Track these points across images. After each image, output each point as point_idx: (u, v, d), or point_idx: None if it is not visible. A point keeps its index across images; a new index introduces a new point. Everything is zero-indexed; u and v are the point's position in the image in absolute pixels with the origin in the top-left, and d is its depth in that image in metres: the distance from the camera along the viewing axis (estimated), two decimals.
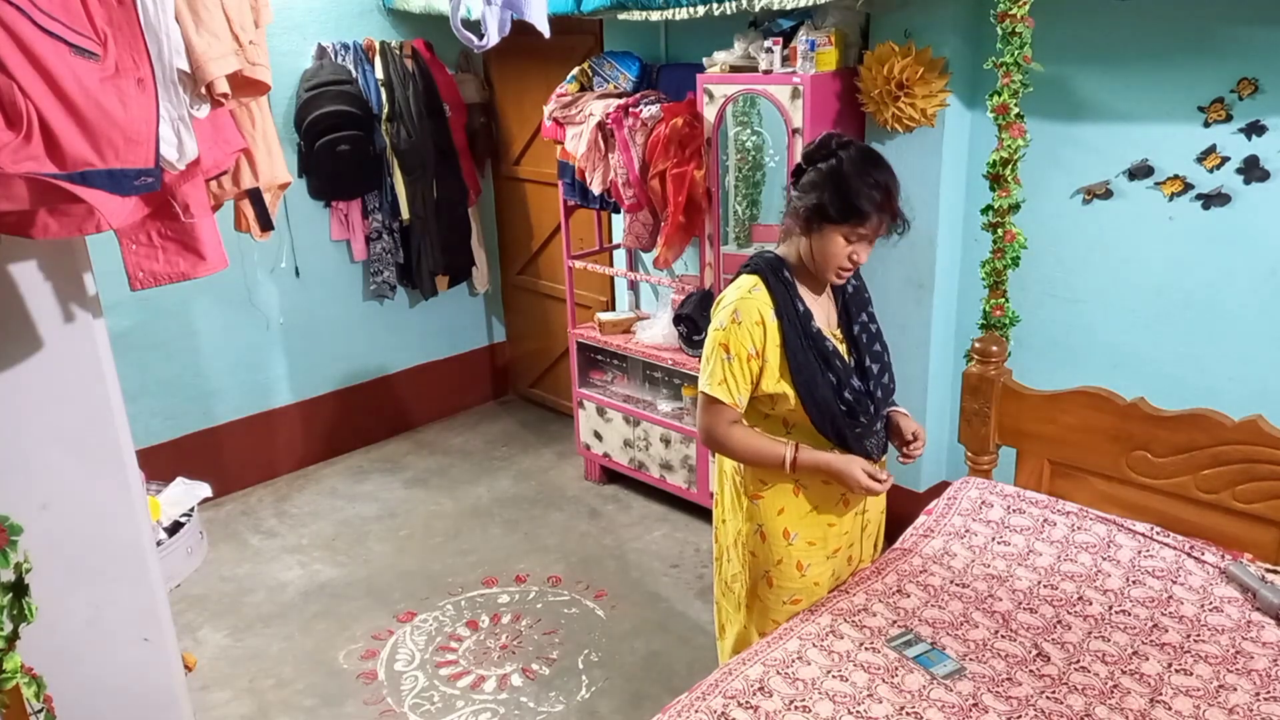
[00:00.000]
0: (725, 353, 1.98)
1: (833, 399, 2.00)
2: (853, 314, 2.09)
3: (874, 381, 2.06)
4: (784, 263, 2.04)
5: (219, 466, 4.09)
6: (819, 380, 1.99)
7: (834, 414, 2.00)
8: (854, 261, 1.96)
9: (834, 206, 1.90)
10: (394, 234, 4.45)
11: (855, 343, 2.07)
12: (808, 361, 1.98)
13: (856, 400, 2.01)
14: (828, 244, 1.94)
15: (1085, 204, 2.90)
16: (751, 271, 2.06)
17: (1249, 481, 2.17)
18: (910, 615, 2.01)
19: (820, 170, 1.93)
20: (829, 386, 2.00)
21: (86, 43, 1.44)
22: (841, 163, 1.91)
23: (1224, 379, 2.72)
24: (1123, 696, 1.75)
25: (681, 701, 1.79)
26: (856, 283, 2.13)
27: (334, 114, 3.98)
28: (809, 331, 2.00)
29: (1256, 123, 2.52)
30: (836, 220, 1.91)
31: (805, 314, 2.00)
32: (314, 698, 2.93)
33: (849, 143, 1.96)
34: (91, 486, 1.99)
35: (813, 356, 1.99)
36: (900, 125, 3.01)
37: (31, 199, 1.42)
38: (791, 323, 1.98)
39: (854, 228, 1.91)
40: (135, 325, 3.78)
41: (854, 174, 1.90)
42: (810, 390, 1.99)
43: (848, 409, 2.01)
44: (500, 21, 2.90)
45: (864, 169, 1.91)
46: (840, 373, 2.01)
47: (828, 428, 2.02)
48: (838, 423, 2.01)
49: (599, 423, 4.10)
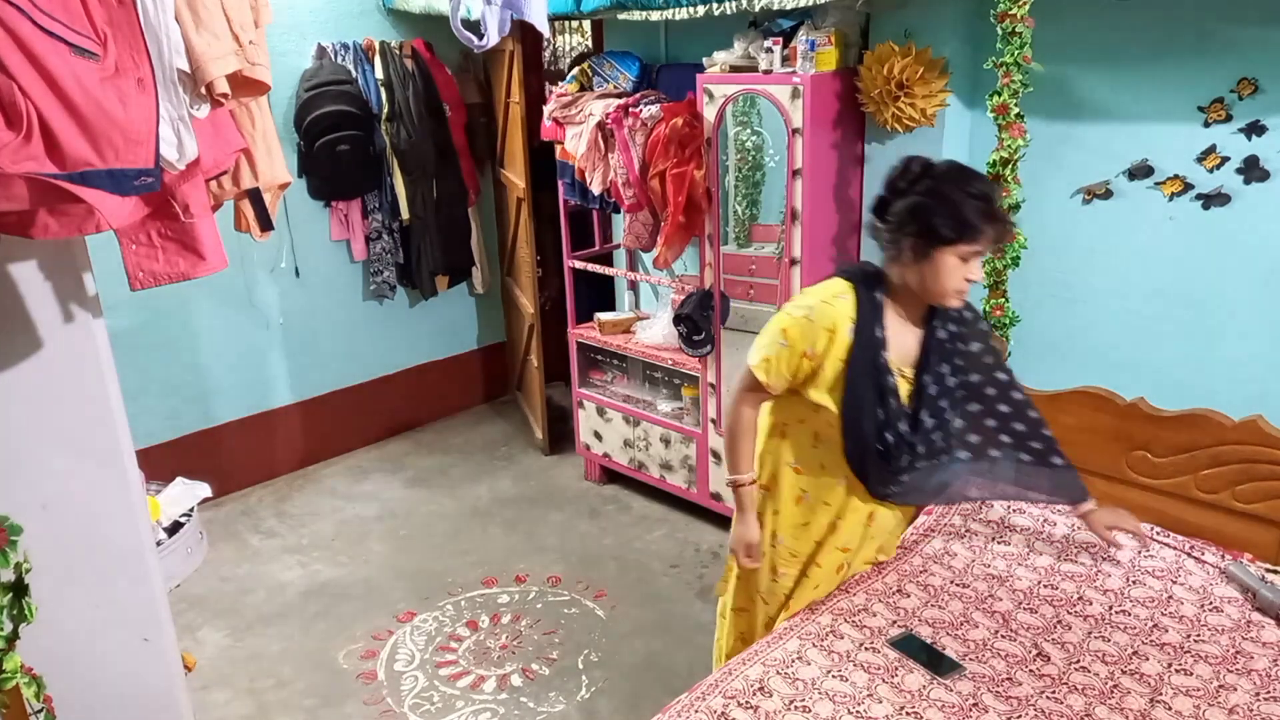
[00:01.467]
0: (783, 338, 1.92)
1: (873, 435, 1.93)
2: (932, 361, 1.96)
3: (922, 434, 1.96)
4: (882, 281, 1.93)
5: (219, 466, 4.09)
6: (866, 411, 1.92)
7: (867, 449, 1.94)
8: (969, 281, 1.84)
9: (945, 227, 1.79)
10: (394, 234, 4.45)
11: (920, 391, 1.96)
12: (865, 390, 1.91)
13: (895, 444, 1.94)
14: (941, 268, 1.82)
15: (1085, 204, 2.90)
16: (846, 278, 1.96)
17: (1249, 481, 2.18)
18: (910, 615, 2.01)
19: (917, 195, 1.83)
20: (873, 420, 1.92)
21: (86, 42, 1.44)
22: (938, 182, 1.82)
23: (1224, 379, 2.72)
24: (1123, 696, 1.75)
25: (681, 701, 1.79)
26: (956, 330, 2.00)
27: (334, 114, 3.98)
28: (876, 361, 1.91)
29: (1256, 123, 2.52)
30: (949, 241, 1.79)
31: (880, 341, 1.91)
32: (314, 698, 2.93)
33: (932, 162, 1.87)
34: (91, 486, 1.99)
35: (870, 386, 1.91)
36: (900, 125, 3.01)
37: (31, 199, 1.42)
38: (864, 346, 1.90)
39: (968, 245, 1.80)
40: (135, 325, 3.78)
41: (956, 190, 1.80)
42: (855, 418, 1.92)
43: (883, 450, 1.94)
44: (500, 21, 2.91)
45: (964, 183, 1.81)
46: (891, 413, 1.92)
47: (855, 458, 1.97)
48: (866, 459, 1.96)
49: (599, 423, 4.10)
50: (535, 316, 4.35)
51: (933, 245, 1.81)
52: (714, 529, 3.77)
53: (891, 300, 1.94)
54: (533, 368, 4.50)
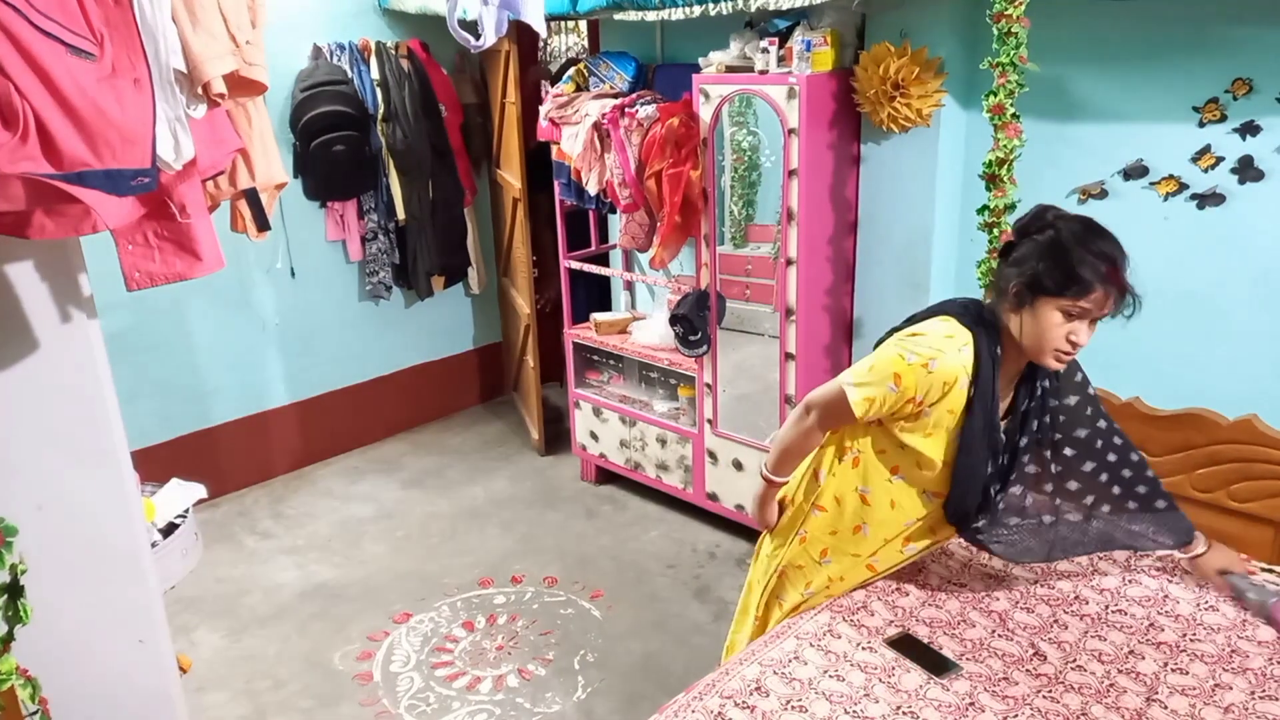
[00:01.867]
0: (895, 382, 1.80)
1: (980, 488, 1.90)
2: (1029, 423, 1.90)
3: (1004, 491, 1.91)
4: (996, 330, 1.84)
5: (214, 467, 4.08)
6: (979, 465, 1.87)
7: (973, 500, 1.91)
8: (1073, 343, 1.75)
9: (1051, 277, 1.72)
10: (390, 234, 4.45)
11: (1013, 450, 1.90)
12: (979, 449, 1.85)
13: (995, 496, 1.91)
14: (1042, 320, 1.75)
15: (1080, 204, 2.91)
16: (969, 325, 1.85)
17: (1244, 481, 2.18)
18: (907, 614, 2.01)
19: (1036, 241, 1.77)
20: (983, 473, 1.88)
21: (83, 43, 1.44)
22: (1059, 232, 1.76)
23: (1219, 378, 2.73)
24: (1119, 695, 1.75)
25: (678, 701, 1.79)
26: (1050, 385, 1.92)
27: (330, 114, 3.97)
28: (993, 420, 1.84)
29: (1251, 123, 2.53)
30: (1054, 292, 1.72)
31: (997, 397, 1.84)
32: (310, 699, 2.92)
33: (1066, 214, 1.81)
34: (86, 488, 1.99)
35: (985, 447, 1.86)
36: (896, 125, 3.01)
37: (28, 199, 1.42)
38: (984, 400, 1.82)
39: (1074, 301, 1.71)
40: (131, 326, 3.77)
41: (1074, 243, 1.74)
42: (969, 470, 1.87)
43: (984, 501, 1.92)
44: (496, 21, 2.91)
45: (1086, 238, 1.75)
46: (1000, 470, 1.90)
47: (958, 508, 1.94)
48: (967, 507, 1.92)
49: (595, 423, 4.10)
50: (531, 317, 4.35)
51: (1037, 293, 1.75)
52: (710, 529, 3.77)
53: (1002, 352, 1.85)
54: (529, 368, 4.50)
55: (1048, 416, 1.92)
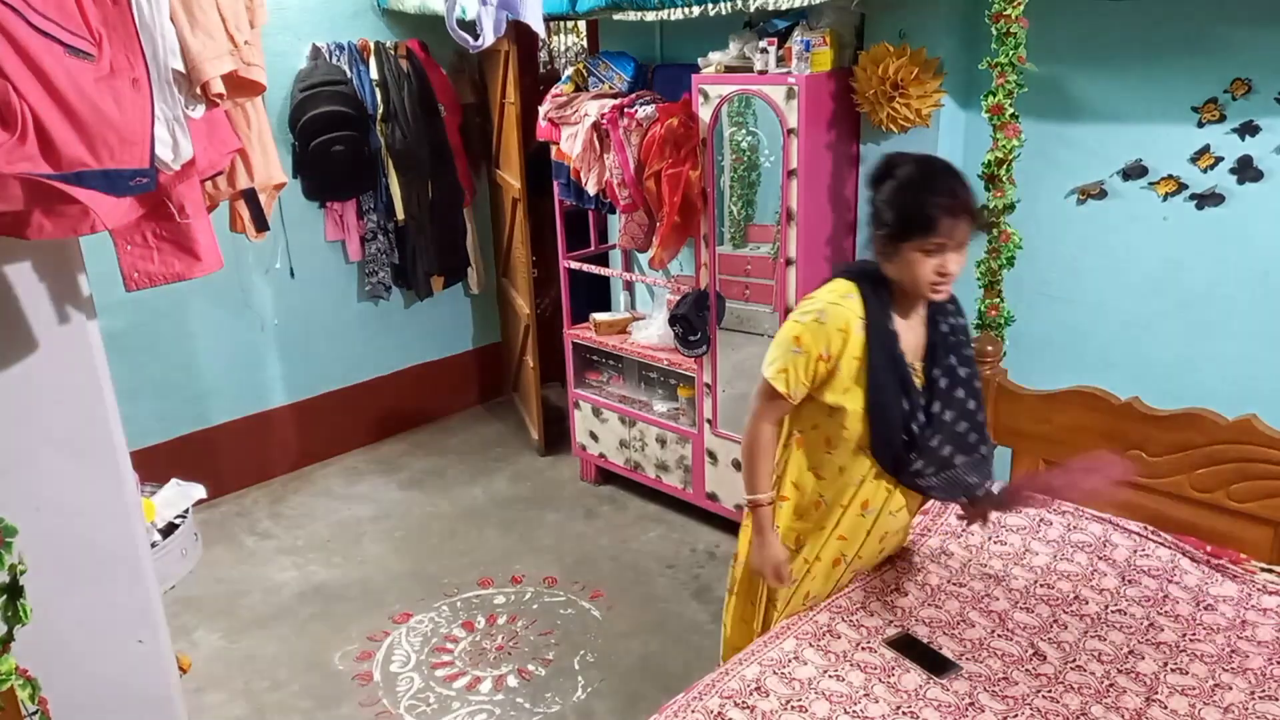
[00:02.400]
0: (796, 345, 1.92)
1: (899, 427, 1.94)
2: (939, 354, 1.99)
3: (938, 426, 1.96)
4: (883, 277, 1.95)
5: (214, 468, 4.08)
6: (891, 402, 1.93)
7: (894, 441, 1.95)
8: (945, 273, 1.85)
9: (900, 226, 1.83)
10: (389, 235, 4.45)
11: (932, 385, 1.98)
12: (888, 383, 1.92)
13: (919, 435, 1.95)
14: (908, 264, 1.86)
15: (1080, 204, 2.91)
16: (849, 278, 1.98)
17: (1243, 481, 2.18)
18: (907, 614, 2.01)
19: (882, 194, 1.88)
20: (899, 413, 1.93)
21: (81, 43, 1.44)
22: (898, 180, 1.86)
23: (1218, 378, 2.73)
24: (1119, 695, 1.75)
25: (678, 702, 1.79)
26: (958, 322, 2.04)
27: (329, 114, 3.97)
28: (894, 353, 1.92)
29: (1250, 123, 2.53)
30: (908, 238, 1.83)
31: (893, 334, 1.93)
32: (309, 699, 2.92)
33: (904, 158, 1.90)
34: (86, 488, 1.98)
35: (893, 380, 1.92)
36: (895, 126, 3.01)
37: (26, 199, 1.41)
38: (879, 340, 1.91)
39: (926, 239, 1.82)
40: (130, 326, 3.77)
41: (910, 187, 1.84)
42: (883, 410, 1.93)
43: (908, 441, 1.95)
44: (495, 22, 2.91)
45: (921, 179, 1.84)
46: (914, 404, 1.94)
47: (886, 453, 1.97)
48: (897, 450, 1.96)
49: (595, 423, 4.10)
50: (531, 317, 4.35)
51: (895, 242, 1.86)
52: (710, 529, 3.77)
53: (892, 296, 1.95)
54: (529, 369, 4.49)
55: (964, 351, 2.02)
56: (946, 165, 1.90)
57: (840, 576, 2.15)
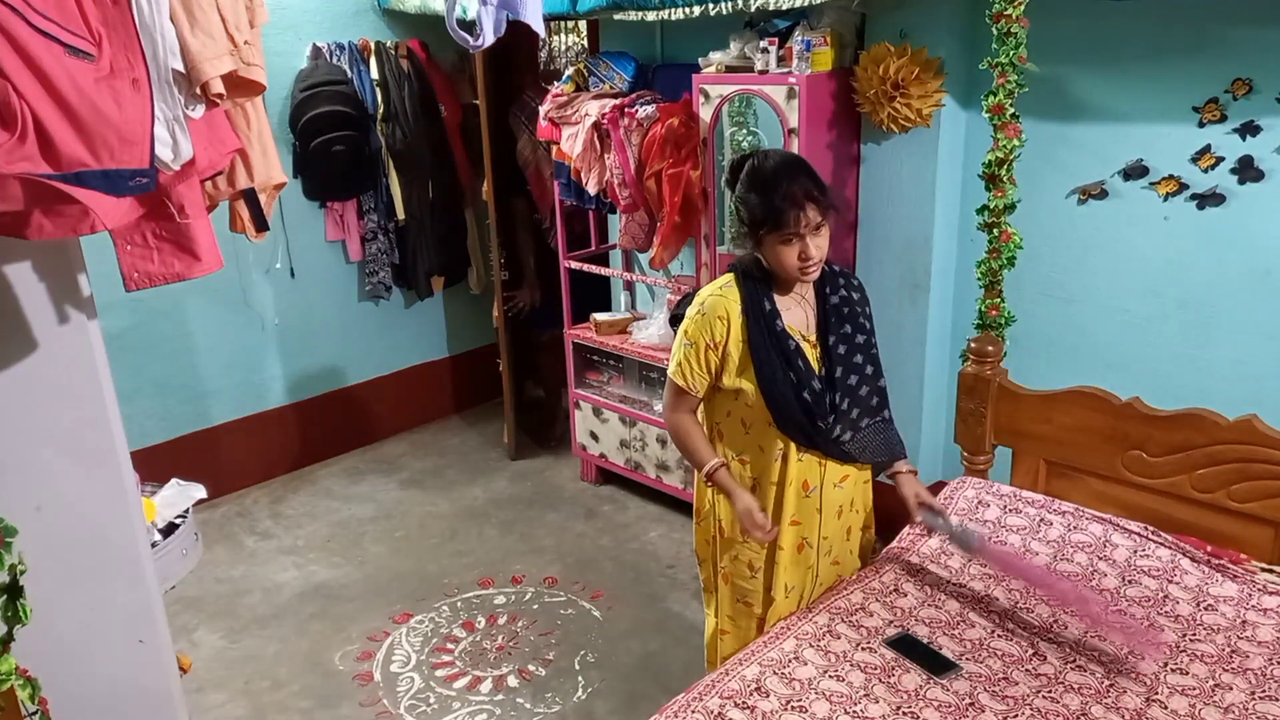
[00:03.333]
0: (685, 339, 2.07)
1: (791, 397, 2.03)
2: (832, 324, 2.10)
3: (842, 391, 2.07)
4: (760, 264, 2.07)
5: (214, 468, 4.08)
6: (778, 377, 2.02)
7: (790, 411, 2.03)
8: (807, 257, 1.97)
9: (754, 223, 1.98)
10: (389, 234, 4.45)
11: (829, 352, 2.08)
12: (769, 358, 2.02)
13: (815, 402, 2.03)
14: (771, 253, 1.99)
15: (1080, 204, 2.91)
16: (731, 270, 2.12)
17: (1243, 481, 2.18)
18: (907, 615, 2.01)
19: (736, 193, 2.02)
20: (788, 384, 2.03)
21: (81, 43, 1.44)
22: (740, 181, 2.00)
23: (1219, 378, 2.73)
24: (1119, 696, 1.75)
25: (678, 702, 1.79)
26: (850, 295, 2.14)
27: (329, 114, 3.97)
28: (773, 329, 2.03)
29: (1251, 123, 2.53)
30: (765, 232, 1.97)
31: (771, 312, 2.04)
32: (310, 699, 2.92)
33: (752, 157, 2.02)
34: (86, 488, 1.98)
35: (775, 354, 2.03)
36: (896, 126, 3.01)
37: (26, 199, 1.41)
38: (756, 320, 2.03)
39: (782, 231, 1.94)
40: (130, 326, 3.77)
41: (752, 186, 1.97)
42: (770, 386, 2.03)
43: (805, 409, 2.03)
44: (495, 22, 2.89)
45: (765, 178, 1.96)
46: (801, 374, 2.03)
47: (789, 425, 2.05)
48: (797, 420, 2.04)
49: (595, 423, 4.09)
50: (500, 320, 4.31)
51: (754, 236, 2.00)
52: None
53: (772, 280, 2.06)
54: (501, 371, 4.43)
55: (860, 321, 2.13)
56: (788, 158, 2.03)
57: (816, 562, 2.19)
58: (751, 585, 2.22)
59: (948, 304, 3.32)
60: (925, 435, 3.42)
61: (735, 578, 2.26)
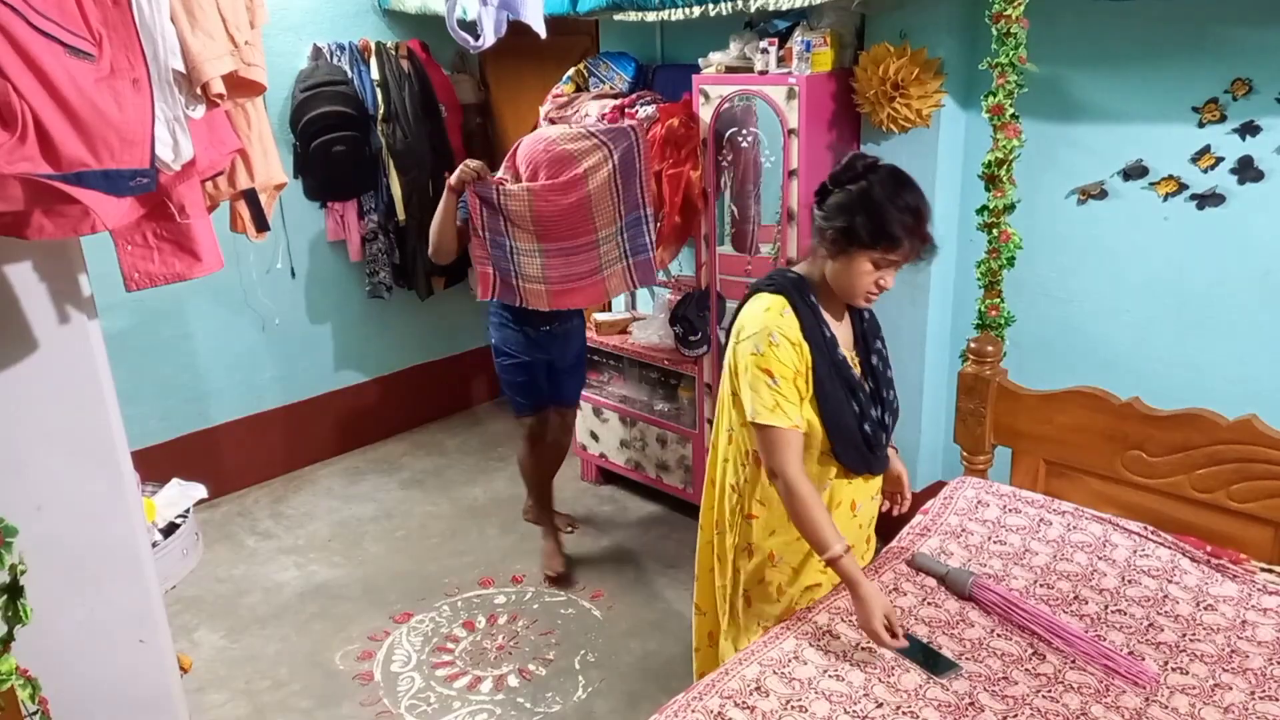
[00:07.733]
0: (770, 378, 1.88)
1: (855, 428, 1.97)
2: (870, 341, 2.06)
3: (888, 409, 2.06)
4: (807, 283, 1.96)
5: (215, 468, 4.08)
6: (845, 409, 1.95)
7: (857, 443, 1.98)
8: (881, 287, 1.90)
9: (865, 231, 1.82)
10: (390, 234, 4.45)
11: (872, 371, 2.04)
12: (835, 391, 1.94)
13: (874, 430, 1.99)
14: (855, 269, 1.87)
15: (1080, 204, 2.91)
16: (775, 291, 1.95)
17: (1243, 481, 2.18)
18: (907, 614, 2.01)
19: (849, 192, 1.86)
20: (853, 415, 1.96)
21: (81, 43, 1.44)
22: (871, 186, 1.84)
23: (1219, 378, 2.73)
24: (1118, 695, 1.75)
25: (678, 701, 1.79)
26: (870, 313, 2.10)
27: (329, 114, 3.97)
28: (836, 359, 1.94)
29: (1250, 123, 2.53)
30: (867, 245, 1.83)
31: (831, 340, 1.95)
32: (310, 699, 2.92)
33: (876, 165, 1.88)
34: (86, 488, 1.98)
35: (840, 387, 1.95)
36: (895, 126, 3.01)
37: (26, 200, 1.41)
38: (820, 349, 1.92)
39: (885, 253, 1.84)
40: (131, 326, 3.77)
41: (885, 198, 1.82)
42: (837, 419, 1.95)
43: (864, 439, 1.99)
44: (496, 22, 2.90)
45: (895, 192, 1.84)
46: (863, 403, 1.98)
47: (849, 453, 1.99)
48: (859, 449, 1.99)
49: (595, 423, 4.10)
50: None
51: (851, 244, 1.85)
52: None
53: (820, 301, 1.97)
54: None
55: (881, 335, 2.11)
56: (914, 183, 1.90)
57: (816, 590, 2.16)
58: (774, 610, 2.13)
59: (947, 304, 3.32)
60: (925, 435, 3.42)
61: (758, 600, 2.15)
